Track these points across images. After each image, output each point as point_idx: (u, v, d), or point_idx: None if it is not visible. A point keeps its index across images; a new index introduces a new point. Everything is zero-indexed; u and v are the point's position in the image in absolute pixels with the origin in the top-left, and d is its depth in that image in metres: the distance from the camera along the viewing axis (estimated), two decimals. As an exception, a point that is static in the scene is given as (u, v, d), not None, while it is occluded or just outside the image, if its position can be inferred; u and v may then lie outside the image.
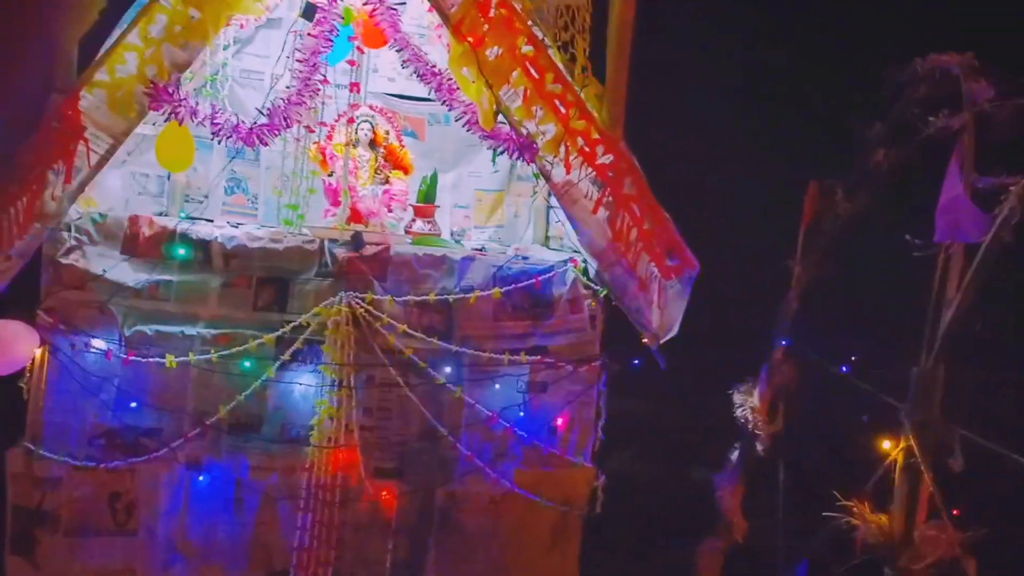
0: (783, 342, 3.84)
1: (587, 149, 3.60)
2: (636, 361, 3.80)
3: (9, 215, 3.09)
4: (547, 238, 4.39)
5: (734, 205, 4.37)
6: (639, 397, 4.10)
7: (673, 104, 4.36)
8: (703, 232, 3.75)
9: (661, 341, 3.69)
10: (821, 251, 3.77)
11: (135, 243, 3.50)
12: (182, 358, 3.42)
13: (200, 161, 4.27)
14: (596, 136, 3.59)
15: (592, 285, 3.80)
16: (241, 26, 4.04)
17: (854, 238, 3.60)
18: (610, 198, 3.61)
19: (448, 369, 3.65)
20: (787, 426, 3.73)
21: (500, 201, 4.55)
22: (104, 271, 3.41)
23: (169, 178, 4.25)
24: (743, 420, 3.92)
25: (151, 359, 3.40)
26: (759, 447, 3.90)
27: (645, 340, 3.71)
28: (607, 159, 3.61)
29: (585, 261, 3.81)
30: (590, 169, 3.60)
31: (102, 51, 3.30)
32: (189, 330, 3.49)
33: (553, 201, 4.34)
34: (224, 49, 4.03)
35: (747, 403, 3.90)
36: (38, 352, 3.36)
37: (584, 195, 3.62)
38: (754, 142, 4.39)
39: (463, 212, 4.56)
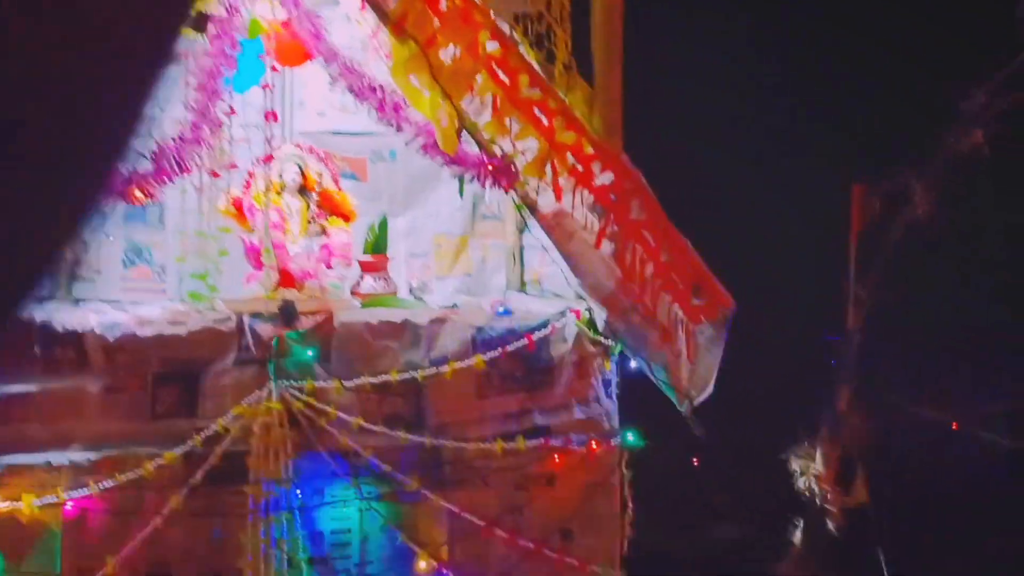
0: (847, 385, 3.03)
1: (580, 168, 2.82)
2: (664, 433, 2.95)
3: None
4: (523, 283, 3.61)
5: (765, 222, 3.61)
6: (673, 478, 3.23)
7: (680, 102, 3.62)
8: (733, 259, 2.97)
9: (695, 403, 2.88)
10: (883, 267, 2.99)
11: (-25, 345, 2.56)
12: (47, 499, 2.46)
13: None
14: (590, 150, 2.82)
15: (601, 340, 2.96)
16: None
17: (923, 247, 2.84)
18: (615, 227, 2.83)
19: (423, 470, 2.75)
20: (875, 495, 2.87)
21: (464, 245, 3.80)
22: (-75, 389, 2.47)
23: (49, 253, 3.36)
24: (806, 492, 3.08)
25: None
26: (831, 525, 3.05)
27: (675, 403, 2.89)
28: (606, 178, 2.83)
29: (589, 310, 2.98)
30: (586, 193, 2.81)
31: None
32: (57, 458, 2.54)
33: (529, 239, 3.60)
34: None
35: (809, 470, 3.07)
36: None
37: (582, 226, 2.83)
38: (781, 144, 3.66)
39: (420, 261, 3.79)
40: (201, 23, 2.83)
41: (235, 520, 2.61)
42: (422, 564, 2.71)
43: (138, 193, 2.67)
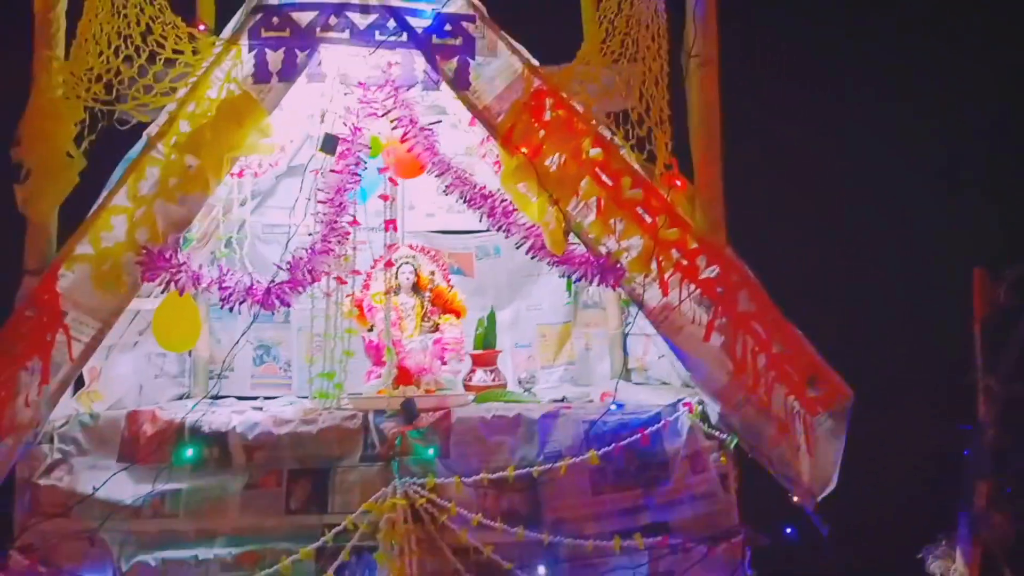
0: (985, 480, 2.85)
1: (685, 262, 2.85)
2: (789, 529, 2.84)
3: (-29, 432, 2.45)
4: (628, 371, 3.62)
5: (881, 307, 3.50)
6: (799, 578, 3.08)
7: (784, 191, 3.61)
8: (848, 348, 2.90)
9: (818, 499, 2.77)
10: (1014, 356, 2.85)
11: (135, 446, 2.81)
12: (197, 592, 2.63)
13: (224, 331, 3.74)
14: (694, 245, 2.86)
15: (716, 434, 2.92)
16: (256, 175, 3.56)
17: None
18: (723, 320, 2.82)
19: (542, 569, 2.76)
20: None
21: (567, 335, 3.89)
22: (95, 489, 2.71)
23: (190, 354, 3.68)
24: (949, 597, 2.87)
25: (157, 599, 2.62)
26: (979, 633, 2.82)
27: (796, 499, 2.79)
28: (712, 272, 2.85)
29: (702, 403, 2.96)
30: (693, 287, 2.84)
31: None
32: (204, 553, 2.72)
33: (631, 328, 3.63)
34: (241, 206, 3.56)
35: (950, 571, 2.86)
36: (12, 607, 2.62)
37: (690, 320, 2.84)
38: (897, 226, 3.57)
39: (525, 352, 3.89)
40: (331, 144, 3.12)
41: (363, 615, 2.68)
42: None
43: (275, 301, 2.90)
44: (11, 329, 2.57)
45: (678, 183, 2.95)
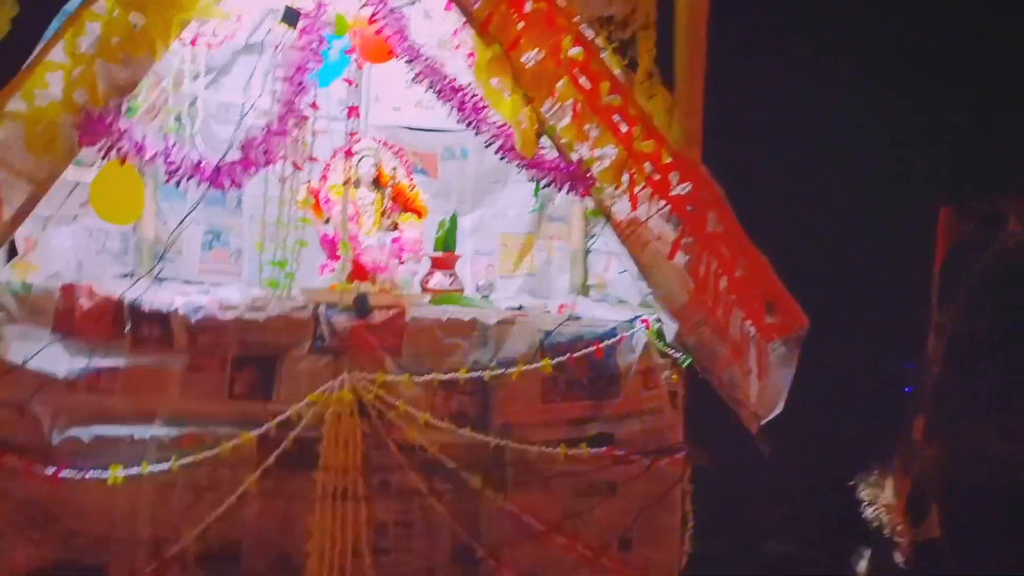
0: (924, 415, 2.93)
1: (657, 177, 2.78)
2: (729, 449, 2.90)
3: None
4: (587, 287, 3.60)
5: (845, 239, 3.49)
6: (736, 496, 3.17)
7: (761, 114, 3.53)
8: (808, 277, 2.89)
9: (763, 421, 2.82)
10: (968, 294, 2.88)
11: (70, 319, 2.68)
12: (131, 470, 2.57)
13: (172, 212, 3.57)
14: (668, 160, 2.78)
15: (670, 352, 2.92)
16: (210, 45, 3.32)
17: (1013, 276, 2.72)
18: (690, 239, 2.78)
19: (486, 469, 2.77)
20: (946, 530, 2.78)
21: (529, 246, 3.82)
22: (25, 360, 2.60)
23: (135, 231, 3.51)
24: (875, 522, 2.99)
25: (88, 475, 2.56)
26: (899, 558, 2.96)
27: (743, 421, 2.84)
28: (683, 189, 2.79)
29: (659, 320, 2.95)
30: (662, 202, 2.78)
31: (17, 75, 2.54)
32: (141, 432, 2.66)
33: (594, 243, 3.58)
34: (194, 79, 3.33)
35: (878, 499, 2.97)
36: (-65, 472, 2.54)
37: (656, 236, 2.79)
38: (868, 159, 3.52)
39: (485, 260, 3.82)
40: (292, 17, 2.90)
41: (304, 504, 2.68)
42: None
43: (226, 181, 2.75)
44: (-63, 188, 2.39)
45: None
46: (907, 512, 2.97)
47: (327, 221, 3.27)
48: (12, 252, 2.87)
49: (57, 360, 2.65)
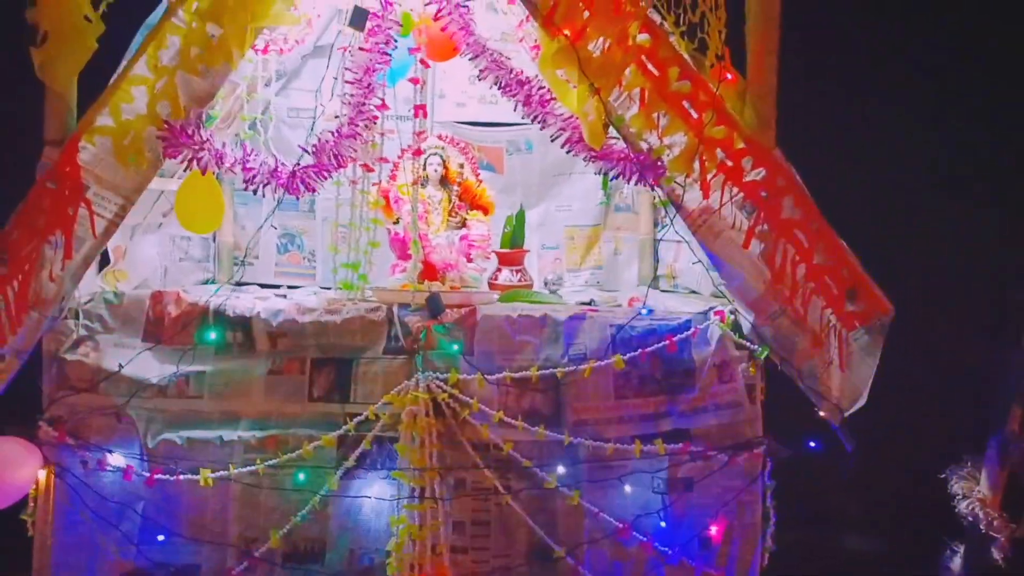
0: (1020, 406, 2.77)
1: (730, 163, 2.69)
2: (812, 443, 2.81)
3: (-4, 305, 2.44)
4: (656, 278, 3.53)
5: (932, 222, 3.31)
6: (819, 492, 3.07)
7: (841, 94, 3.36)
8: (893, 262, 2.76)
9: (846, 414, 2.72)
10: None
11: (159, 326, 2.80)
12: (220, 472, 2.67)
13: (248, 216, 3.69)
14: (741, 145, 2.68)
15: (747, 344, 2.85)
16: (281, 51, 3.38)
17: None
18: (765, 226, 2.69)
19: (561, 468, 2.77)
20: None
21: (596, 238, 3.78)
22: (121, 366, 2.72)
23: (215, 239, 3.64)
24: (968, 517, 2.86)
25: (181, 476, 2.67)
26: (996, 555, 2.82)
27: (823, 414, 2.74)
28: (758, 175, 2.69)
29: (734, 312, 2.87)
30: (736, 190, 2.69)
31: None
32: (228, 434, 2.75)
33: (663, 234, 3.51)
34: (266, 86, 3.41)
35: (973, 493, 2.83)
36: (42, 475, 2.69)
37: (730, 225, 2.71)
38: (955, 134, 3.32)
39: (552, 254, 3.80)
40: (360, 18, 2.91)
41: (383, 504, 2.73)
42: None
43: (300, 186, 2.80)
44: (33, 201, 2.51)
45: (729, 76, 2.75)
46: (1003, 506, 2.82)
47: (397, 221, 3.31)
48: (104, 262, 3.00)
49: (149, 366, 2.77)
